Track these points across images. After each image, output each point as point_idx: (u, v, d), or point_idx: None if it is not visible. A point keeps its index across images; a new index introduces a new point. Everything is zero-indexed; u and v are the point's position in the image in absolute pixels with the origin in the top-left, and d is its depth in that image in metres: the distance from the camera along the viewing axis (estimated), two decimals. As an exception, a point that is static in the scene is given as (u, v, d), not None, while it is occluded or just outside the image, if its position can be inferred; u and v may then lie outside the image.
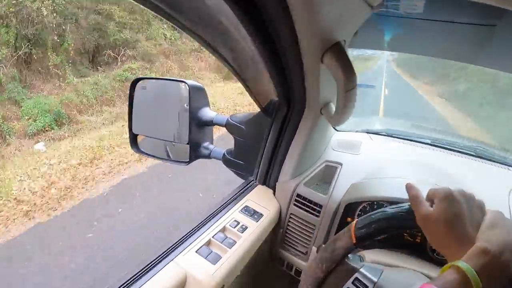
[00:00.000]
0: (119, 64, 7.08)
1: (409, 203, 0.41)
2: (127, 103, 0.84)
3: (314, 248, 0.78)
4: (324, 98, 0.69)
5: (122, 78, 6.60)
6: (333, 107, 0.71)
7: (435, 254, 0.67)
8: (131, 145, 0.88)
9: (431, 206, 0.38)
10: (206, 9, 0.55)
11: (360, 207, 0.75)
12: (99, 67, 7.00)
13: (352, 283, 0.46)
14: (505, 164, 0.90)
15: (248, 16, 0.47)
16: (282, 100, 0.72)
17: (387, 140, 1.00)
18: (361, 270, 0.47)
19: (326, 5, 0.44)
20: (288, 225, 0.79)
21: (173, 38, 8.52)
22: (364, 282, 0.46)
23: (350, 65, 0.53)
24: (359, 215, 0.76)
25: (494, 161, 0.91)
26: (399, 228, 0.43)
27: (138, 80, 0.86)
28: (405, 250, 0.69)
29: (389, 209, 0.44)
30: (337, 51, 0.52)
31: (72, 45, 6.36)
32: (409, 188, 0.42)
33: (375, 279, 0.46)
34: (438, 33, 0.87)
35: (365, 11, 0.54)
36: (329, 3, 0.44)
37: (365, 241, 0.44)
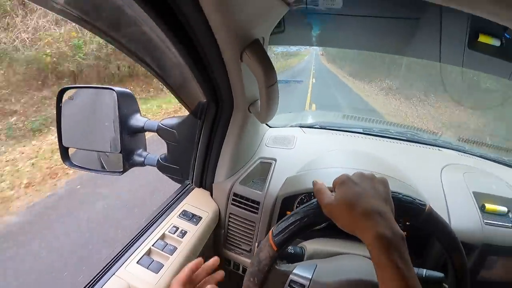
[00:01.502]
0: None
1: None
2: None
3: (257, 245, 0.79)
4: (250, 96, 0.70)
5: None
6: (260, 104, 0.72)
7: None
8: (62, 159, 0.84)
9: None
10: (127, 19, 0.54)
11: (298, 199, 0.77)
12: None
13: (289, 286, 0.48)
14: (436, 146, 0.97)
15: (165, 20, 0.47)
16: (210, 101, 0.72)
17: (320, 132, 1.04)
18: (294, 271, 0.49)
19: (239, 5, 0.45)
20: (228, 224, 0.79)
21: None
22: (299, 281, 0.48)
23: (269, 62, 0.54)
24: (297, 208, 0.78)
25: (425, 144, 0.97)
26: (312, 225, 0.45)
27: (64, 90, 0.82)
28: (344, 235, 0.72)
29: (300, 210, 0.45)
30: (255, 49, 0.53)
31: None
32: (314, 184, 0.45)
33: (309, 276, 0.48)
34: (365, 27, 0.91)
35: (282, 8, 0.55)
36: (242, 3, 0.45)
37: (285, 245, 0.45)
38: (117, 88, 0.78)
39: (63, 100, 0.81)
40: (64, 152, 0.83)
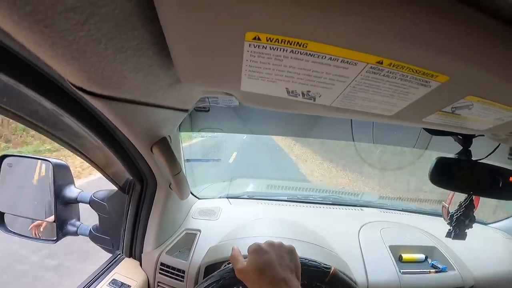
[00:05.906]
0: None
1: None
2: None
3: None
4: (169, 176, 0.75)
5: None
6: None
7: None
8: (-2, 224, 0.87)
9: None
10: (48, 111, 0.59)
11: (222, 267, 0.82)
12: None
13: None
14: (358, 206, 1.05)
15: (87, 122, 0.53)
16: (136, 180, 0.77)
17: (246, 202, 1.10)
18: None
19: (141, 117, 0.50)
20: None
21: None
22: None
23: (172, 156, 0.61)
24: None
25: (347, 205, 1.05)
26: (227, 286, 0.50)
27: (4, 157, 0.85)
28: None
29: (217, 273, 0.51)
30: (162, 145, 0.60)
31: None
32: (232, 250, 0.50)
33: None
34: (276, 113, 0.96)
35: (182, 113, 0.62)
36: (143, 116, 0.50)
37: None
38: (53, 160, 0.82)
39: (1, 166, 0.84)
40: None
